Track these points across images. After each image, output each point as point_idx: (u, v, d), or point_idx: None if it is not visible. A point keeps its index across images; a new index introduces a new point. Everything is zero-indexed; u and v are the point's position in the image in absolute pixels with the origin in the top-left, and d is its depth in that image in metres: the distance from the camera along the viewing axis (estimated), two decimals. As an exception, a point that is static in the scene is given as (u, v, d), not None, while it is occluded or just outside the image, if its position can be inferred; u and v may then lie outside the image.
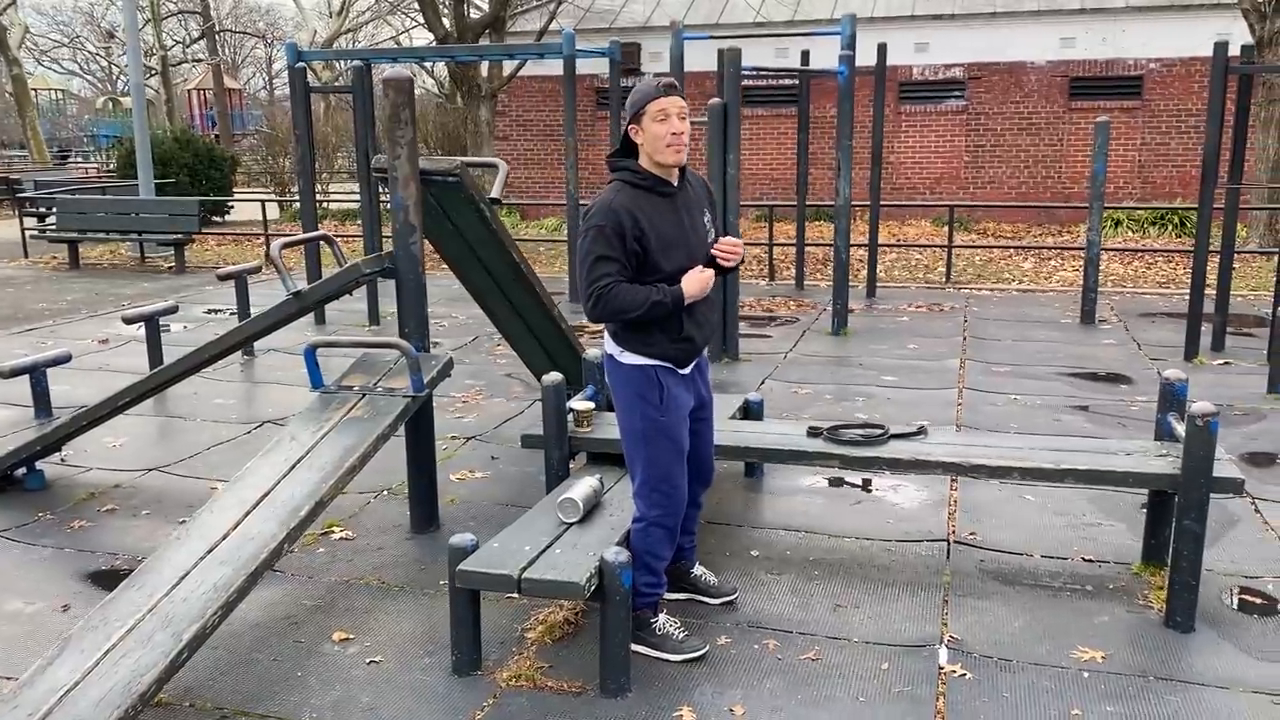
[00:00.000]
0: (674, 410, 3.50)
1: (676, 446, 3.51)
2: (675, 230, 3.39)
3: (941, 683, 3.45)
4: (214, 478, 5.47)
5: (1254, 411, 6.53)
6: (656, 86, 3.32)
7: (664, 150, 3.32)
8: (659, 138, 3.31)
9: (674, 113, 3.30)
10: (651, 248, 3.32)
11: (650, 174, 3.38)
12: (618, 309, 3.30)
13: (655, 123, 3.30)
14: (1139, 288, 11.52)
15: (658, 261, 3.34)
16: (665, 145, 3.31)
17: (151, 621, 3.13)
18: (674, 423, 3.50)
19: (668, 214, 3.38)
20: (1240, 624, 3.83)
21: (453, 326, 9.65)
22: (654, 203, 3.36)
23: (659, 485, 3.51)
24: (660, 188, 3.39)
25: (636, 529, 3.57)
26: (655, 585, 3.62)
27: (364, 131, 9.67)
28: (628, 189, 3.35)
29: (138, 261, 14.56)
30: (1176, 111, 16.35)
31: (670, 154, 3.33)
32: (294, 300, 4.47)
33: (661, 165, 3.36)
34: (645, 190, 3.36)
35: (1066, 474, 3.96)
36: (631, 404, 3.49)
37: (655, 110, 3.29)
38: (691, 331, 3.47)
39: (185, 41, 40.24)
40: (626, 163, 3.40)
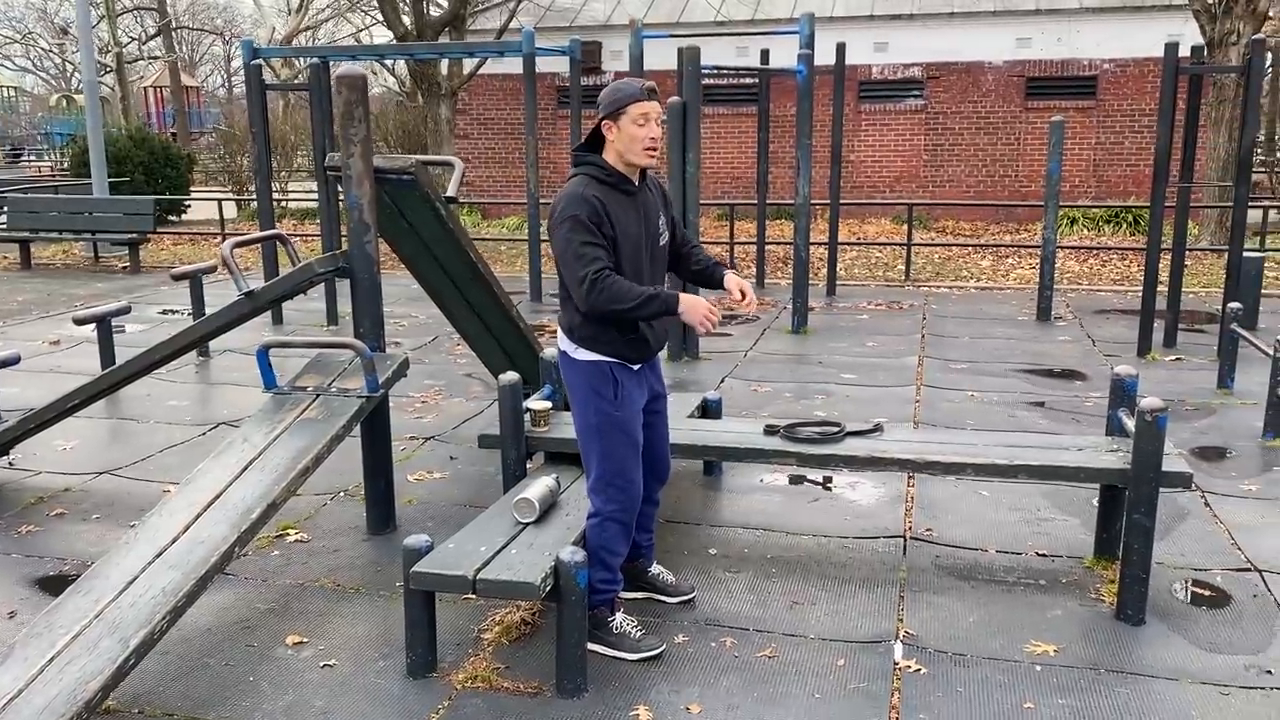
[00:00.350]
0: (628, 405, 3.50)
1: (631, 440, 3.51)
2: (635, 228, 3.41)
3: (896, 678, 3.47)
4: (167, 480, 5.40)
5: (1204, 406, 6.64)
6: (640, 88, 3.33)
7: (639, 153, 3.34)
8: (636, 139, 3.32)
9: (654, 117, 3.34)
10: (618, 243, 3.34)
11: (616, 171, 3.38)
12: (612, 298, 3.26)
13: (635, 125, 3.31)
14: (1094, 285, 11.68)
15: (618, 258, 3.35)
16: (642, 148, 3.34)
17: (98, 627, 3.08)
18: (628, 417, 3.51)
19: (630, 211, 3.40)
20: (1189, 616, 3.89)
21: (413, 326, 9.59)
22: (618, 199, 3.37)
23: (614, 480, 3.51)
24: (624, 185, 3.40)
25: (592, 524, 3.56)
26: (611, 582, 3.62)
27: (322, 130, 9.58)
28: (594, 183, 3.35)
29: (91, 261, 14.34)
30: (1130, 111, 16.59)
31: (645, 157, 3.35)
32: (246, 300, 4.41)
33: (630, 165, 3.38)
34: (610, 186, 3.37)
35: (1019, 470, 4.00)
36: (586, 399, 3.49)
37: (637, 112, 3.30)
38: (645, 330, 3.49)
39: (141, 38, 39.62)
40: (592, 158, 3.39)
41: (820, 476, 5.38)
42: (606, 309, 3.29)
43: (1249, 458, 5.66)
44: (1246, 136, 7.63)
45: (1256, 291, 8.94)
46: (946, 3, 17.27)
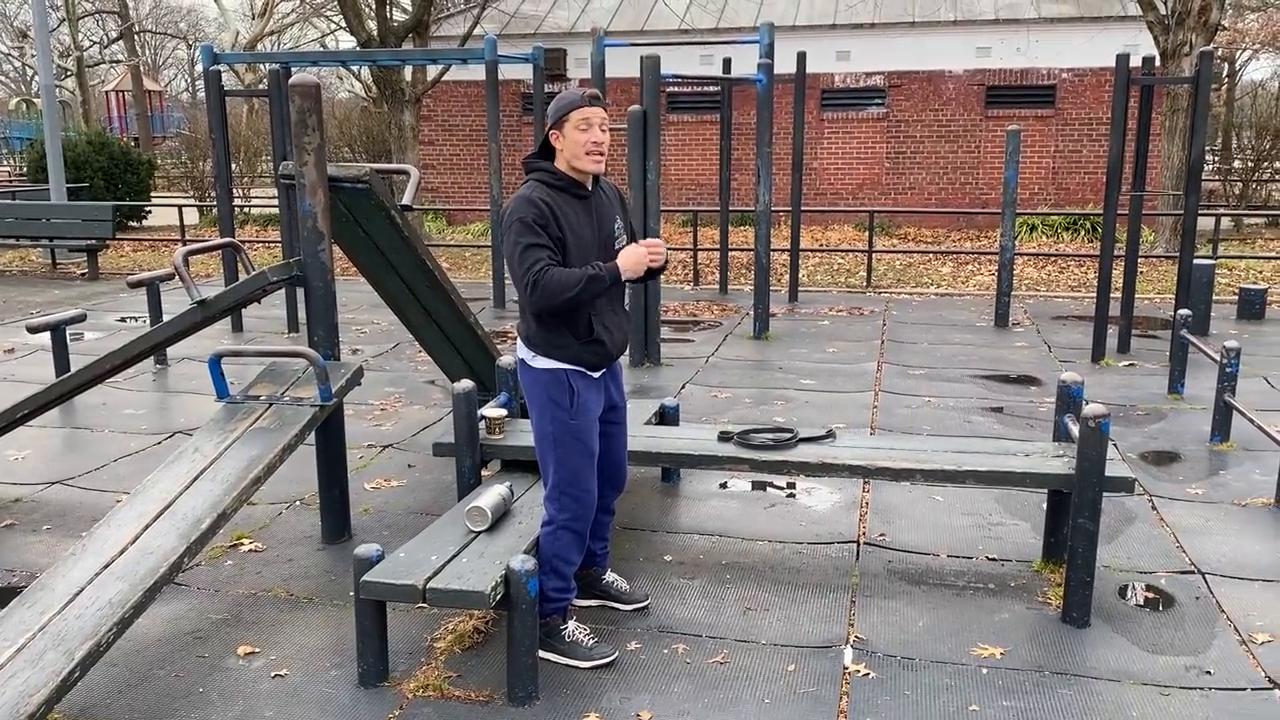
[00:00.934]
0: (584, 413, 3.52)
1: (586, 450, 3.53)
2: (587, 231, 3.45)
3: (845, 683, 3.51)
4: (120, 491, 5.35)
5: (1155, 411, 6.75)
6: (582, 95, 3.39)
7: (583, 158, 3.39)
8: (579, 145, 3.38)
9: (596, 122, 3.39)
10: (568, 244, 3.38)
11: (566, 176, 3.44)
12: (556, 289, 3.29)
13: (577, 130, 3.37)
14: (1052, 291, 11.84)
15: (567, 260, 3.39)
16: (585, 153, 3.39)
17: (42, 640, 3.05)
18: (584, 426, 3.52)
19: (581, 215, 3.44)
20: (1133, 618, 3.96)
21: (374, 333, 9.55)
22: (569, 203, 3.42)
23: (568, 489, 3.52)
24: (574, 189, 3.45)
25: (546, 533, 3.57)
26: (564, 590, 3.63)
27: (282, 136, 9.53)
28: (543, 188, 3.40)
29: (49, 268, 14.17)
30: (1088, 120, 16.83)
31: (589, 162, 3.41)
32: (198, 309, 4.39)
33: (579, 171, 3.42)
34: (560, 190, 3.42)
35: (967, 475, 4.06)
36: (543, 408, 3.51)
37: (578, 118, 3.36)
38: (602, 335, 3.49)
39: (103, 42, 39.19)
40: (543, 164, 3.45)
41: (783, 482, 5.42)
42: (555, 301, 3.31)
43: (1196, 462, 5.76)
44: (1196, 146, 7.78)
45: (1208, 298, 9.12)
46: (907, 12, 17.46)
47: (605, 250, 3.51)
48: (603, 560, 4.02)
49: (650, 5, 18.65)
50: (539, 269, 3.29)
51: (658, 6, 18.40)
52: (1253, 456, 5.80)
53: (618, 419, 3.75)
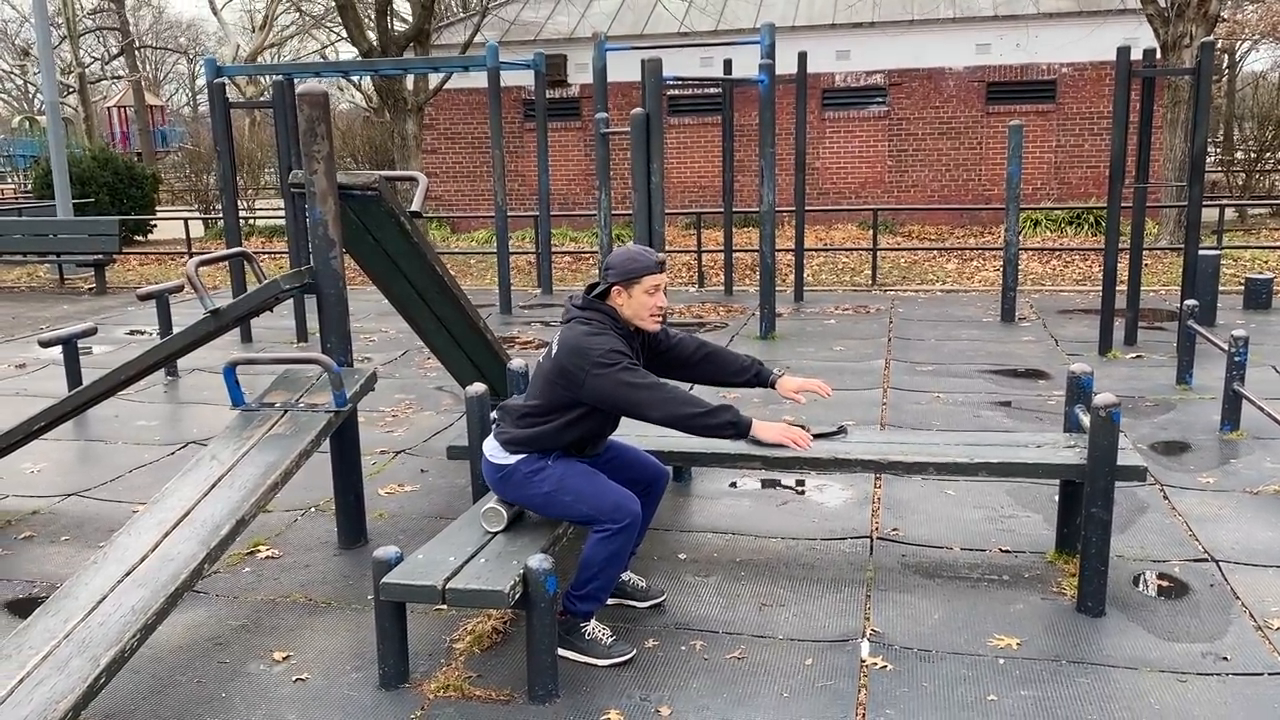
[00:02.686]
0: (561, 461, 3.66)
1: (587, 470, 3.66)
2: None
3: (863, 675, 3.53)
4: (136, 501, 5.38)
5: (1164, 402, 6.76)
6: (654, 261, 3.57)
7: (647, 319, 3.60)
8: (645, 308, 3.58)
9: (663, 287, 3.61)
10: None
11: (626, 329, 3.62)
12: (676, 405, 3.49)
13: (646, 294, 3.57)
14: (1057, 285, 11.85)
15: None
16: (649, 315, 3.60)
17: (68, 647, 3.08)
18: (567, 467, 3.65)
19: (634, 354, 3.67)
20: (1148, 607, 3.97)
21: (383, 341, 9.59)
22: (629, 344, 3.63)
23: (614, 512, 3.56)
24: (632, 342, 3.65)
25: (600, 536, 3.57)
26: (606, 590, 3.68)
27: (287, 147, 9.58)
28: (618, 336, 3.57)
29: (57, 284, 14.24)
30: (1089, 114, 16.85)
31: (651, 323, 3.62)
32: (211, 319, 4.42)
33: (635, 330, 3.63)
34: (623, 339, 3.59)
35: (979, 468, 4.08)
36: (531, 490, 3.64)
37: (650, 284, 3.55)
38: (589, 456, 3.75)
39: (104, 58, 39.37)
40: (606, 307, 3.59)
41: (793, 480, 5.44)
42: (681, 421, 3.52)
43: (1207, 451, 5.77)
44: (1199, 137, 7.79)
45: (1214, 288, 9.13)
46: (907, 10, 17.49)
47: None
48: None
49: (649, 9, 18.71)
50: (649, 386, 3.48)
51: (657, 10, 18.45)
52: (1263, 445, 5.81)
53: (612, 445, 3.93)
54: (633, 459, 3.92)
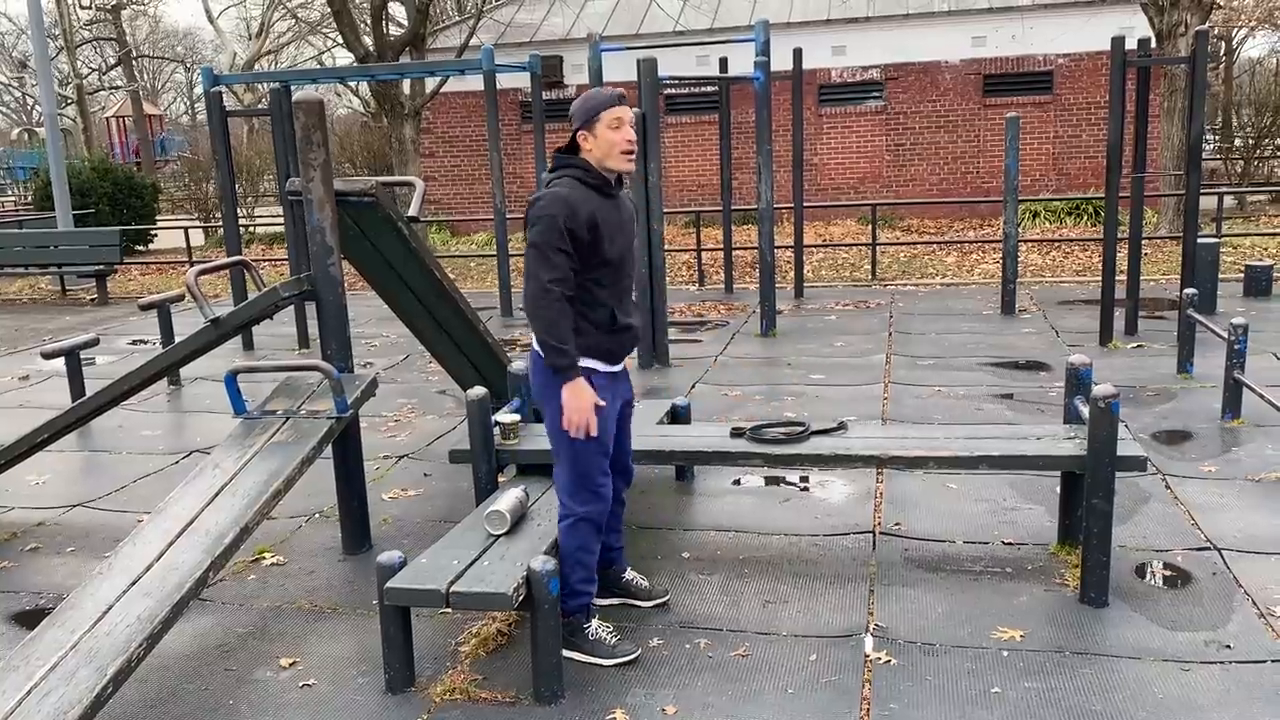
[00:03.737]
0: (604, 413, 3.51)
1: (601, 445, 3.53)
2: (618, 228, 3.48)
3: (867, 670, 3.54)
4: (141, 511, 5.40)
5: (1165, 391, 6.77)
6: (612, 94, 3.41)
7: (618, 156, 3.40)
8: (614, 144, 3.39)
9: (627, 121, 3.42)
10: (602, 245, 3.40)
11: (599, 173, 3.44)
12: (550, 320, 3.32)
13: (609, 130, 3.38)
14: (1057, 277, 11.85)
15: (604, 249, 3.40)
16: (620, 151, 3.40)
17: (75, 658, 3.10)
18: (602, 425, 3.51)
19: (612, 211, 3.47)
20: (1151, 596, 3.98)
21: (384, 345, 9.61)
22: (602, 203, 3.44)
23: (584, 483, 3.54)
24: (606, 189, 3.47)
25: (564, 526, 3.59)
26: (588, 581, 3.65)
27: (285, 154, 9.59)
28: (580, 186, 3.40)
29: (59, 295, 14.26)
30: (1086, 105, 16.84)
31: (623, 160, 3.42)
32: (212, 327, 4.44)
33: (609, 170, 3.43)
34: (593, 190, 3.43)
35: (980, 460, 4.09)
36: (558, 404, 3.46)
37: (610, 118, 3.38)
38: (625, 320, 3.52)
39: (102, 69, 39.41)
40: (577, 160, 3.43)
41: (796, 477, 5.45)
42: (534, 317, 3.36)
43: (1208, 439, 5.78)
44: (1195, 125, 7.79)
45: (1213, 276, 9.12)
46: (902, 4, 17.49)
47: (631, 251, 3.55)
48: (619, 556, 4.05)
49: (644, 8, 18.71)
50: (552, 287, 3.30)
51: (652, 9, 18.46)
52: (1264, 432, 5.81)
53: (628, 413, 3.79)
54: (623, 441, 3.81)
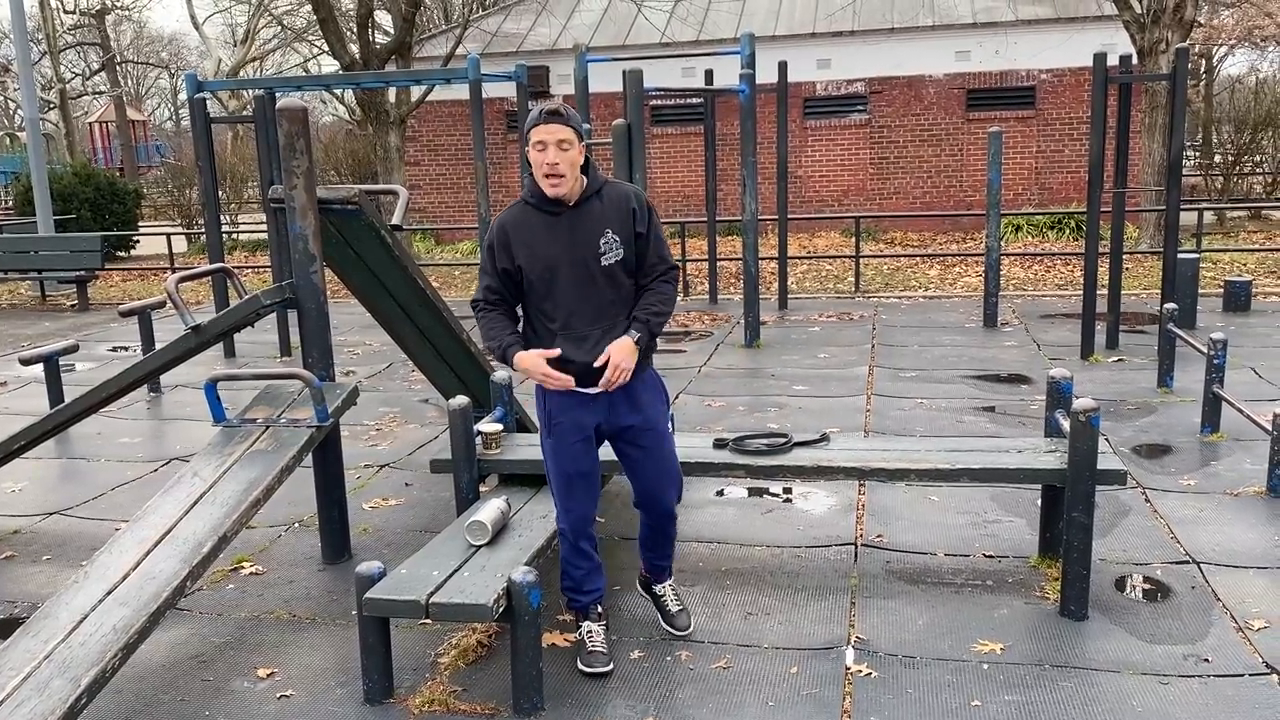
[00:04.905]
0: (559, 434, 3.48)
1: (560, 470, 3.50)
2: (553, 249, 3.33)
3: (848, 683, 3.53)
4: (119, 519, 5.35)
5: (1145, 405, 6.80)
6: (539, 113, 3.25)
7: (541, 179, 3.28)
8: (536, 166, 3.28)
9: (551, 142, 3.22)
10: (524, 266, 3.36)
11: (539, 193, 3.35)
12: (482, 331, 3.46)
13: (534, 151, 3.27)
14: (1039, 290, 11.91)
15: (528, 270, 3.36)
16: (542, 175, 3.27)
17: (48, 668, 3.06)
18: (558, 446, 3.49)
19: (548, 232, 3.35)
20: (1131, 609, 3.99)
21: (367, 354, 9.57)
22: (538, 221, 3.36)
23: (556, 497, 3.58)
24: (547, 207, 3.36)
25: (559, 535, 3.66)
26: (573, 590, 3.67)
27: (269, 161, 9.55)
28: (521, 205, 3.40)
29: (39, 301, 14.15)
30: (1069, 120, 16.95)
31: (546, 184, 3.28)
32: (192, 335, 4.41)
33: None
34: (533, 208, 3.38)
35: (961, 473, 4.10)
36: (539, 410, 3.55)
37: (534, 139, 3.25)
38: (567, 350, 3.36)
39: (85, 74, 39.23)
40: (530, 179, 3.38)
41: (779, 488, 5.45)
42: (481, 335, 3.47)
43: (1188, 453, 5.81)
44: (1176, 141, 7.85)
45: (1193, 292, 9.19)
46: (886, 19, 17.58)
47: (582, 268, 3.34)
48: (657, 572, 3.91)
49: (631, 20, 18.76)
50: (478, 302, 3.45)
51: (639, 21, 18.51)
52: (1243, 446, 5.85)
53: (637, 440, 3.53)
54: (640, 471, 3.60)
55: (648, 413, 3.53)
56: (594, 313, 3.38)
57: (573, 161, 3.27)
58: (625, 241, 3.39)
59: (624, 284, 3.42)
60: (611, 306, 3.40)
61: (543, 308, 3.39)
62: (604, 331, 3.38)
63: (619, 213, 3.39)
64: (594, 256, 3.36)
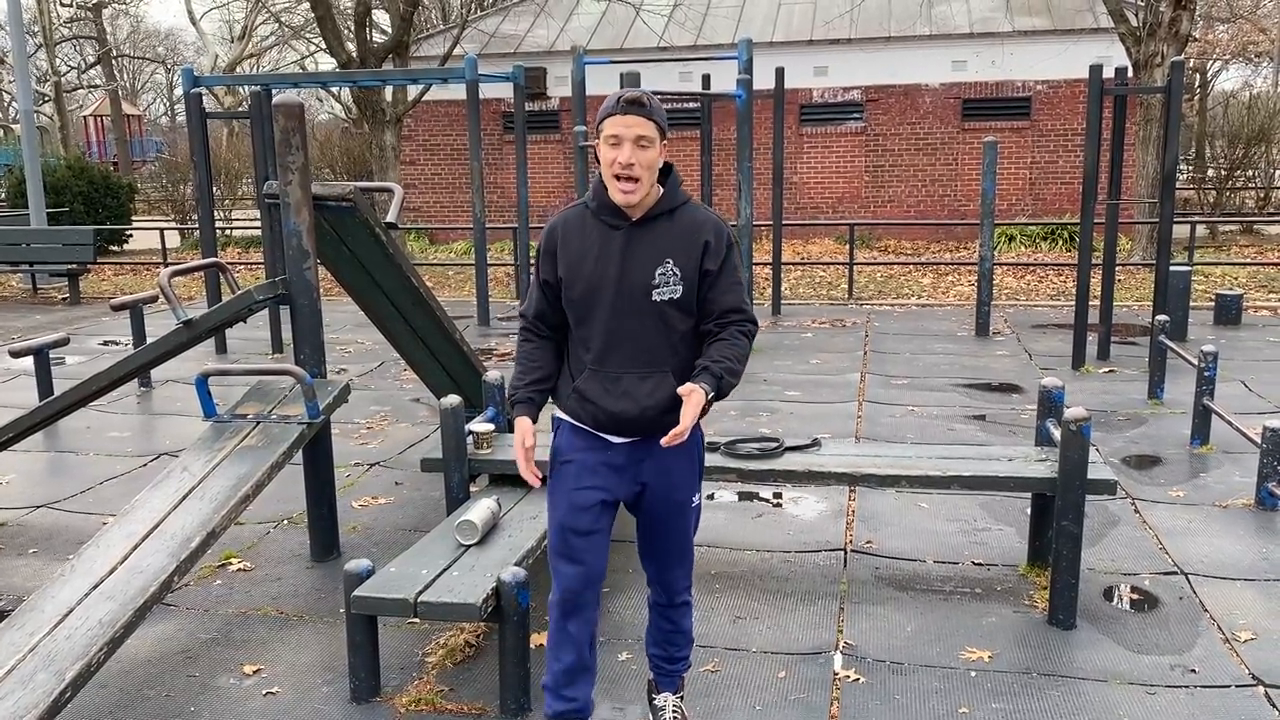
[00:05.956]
0: (565, 476, 2.90)
1: (557, 520, 2.90)
2: (598, 269, 2.77)
3: (836, 688, 3.53)
4: (107, 513, 5.32)
5: (1135, 416, 6.82)
6: (616, 100, 2.69)
7: (610, 182, 2.72)
8: (606, 166, 2.71)
9: (628, 138, 2.67)
10: (570, 271, 2.80)
11: (604, 199, 2.78)
12: (516, 359, 2.93)
13: (605, 146, 2.71)
14: (1031, 300, 11.94)
15: (569, 288, 2.81)
16: (612, 175, 2.70)
17: (32, 661, 3.04)
18: (559, 489, 2.91)
19: (600, 248, 2.78)
20: (1119, 619, 4.00)
21: (359, 352, 9.55)
22: (594, 232, 2.80)
23: (550, 560, 2.96)
24: (606, 216, 2.79)
25: None
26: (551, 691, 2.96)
27: (264, 158, 9.54)
28: (582, 209, 2.85)
29: (30, 293, 14.09)
30: (1063, 131, 17.01)
31: (616, 189, 2.72)
32: (184, 329, 4.39)
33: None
34: (592, 214, 2.82)
35: (952, 480, 4.10)
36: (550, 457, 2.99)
37: (607, 131, 2.69)
38: (593, 391, 2.81)
39: (81, 67, 39.13)
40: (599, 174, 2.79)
41: (770, 493, 5.45)
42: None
43: (1177, 465, 5.83)
44: (1170, 154, 7.88)
45: (1185, 304, 9.22)
46: (884, 27, 17.63)
47: (629, 298, 2.75)
48: (662, 677, 3.20)
49: (629, 23, 18.77)
50: (526, 319, 2.93)
51: (637, 24, 18.52)
52: (1232, 459, 5.87)
53: (654, 509, 2.94)
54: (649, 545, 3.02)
55: (675, 478, 2.92)
56: (634, 353, 2.79)
57: (650, 164, 2.71)
58: (687, 277, 2.77)
59: (677, 327, 2.80)
60: (657, 350, 2.79)
61: (580, 333, 2.84)
62: (640, 378, 2.78)
63: (687, 242, 2.79)
64: (645, 287, 2.76)
